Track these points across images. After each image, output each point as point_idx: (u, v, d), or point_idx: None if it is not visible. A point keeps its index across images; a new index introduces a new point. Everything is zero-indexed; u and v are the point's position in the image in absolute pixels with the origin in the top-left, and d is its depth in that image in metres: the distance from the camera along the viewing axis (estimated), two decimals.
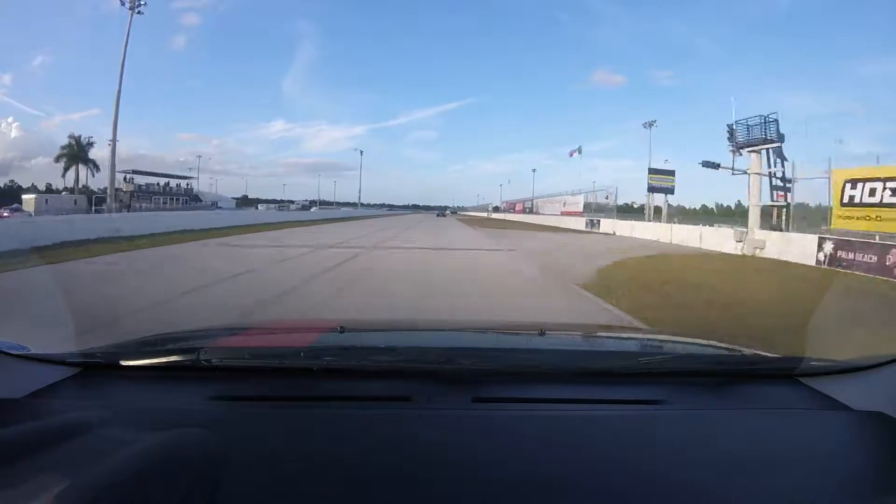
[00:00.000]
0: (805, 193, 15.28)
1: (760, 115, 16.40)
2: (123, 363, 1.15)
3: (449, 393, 1.00)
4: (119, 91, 26.26)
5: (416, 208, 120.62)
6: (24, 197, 43.25)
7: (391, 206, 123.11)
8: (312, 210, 59.66)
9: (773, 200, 16.34)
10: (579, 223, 31.46)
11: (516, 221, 47.60)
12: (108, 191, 29.77)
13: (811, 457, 0.84)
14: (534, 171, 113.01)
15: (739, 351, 1.39)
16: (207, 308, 5.47)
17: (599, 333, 1.95)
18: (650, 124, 37.84)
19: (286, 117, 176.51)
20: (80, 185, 50.55)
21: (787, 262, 12.26)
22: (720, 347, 1.42)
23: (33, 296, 5.68)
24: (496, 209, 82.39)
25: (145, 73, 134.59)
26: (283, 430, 0.88)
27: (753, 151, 16.71)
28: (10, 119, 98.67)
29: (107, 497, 0.58)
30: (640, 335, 1.92)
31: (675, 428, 0.91)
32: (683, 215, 27.55)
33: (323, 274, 8.36)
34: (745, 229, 15.50)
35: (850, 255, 11.17)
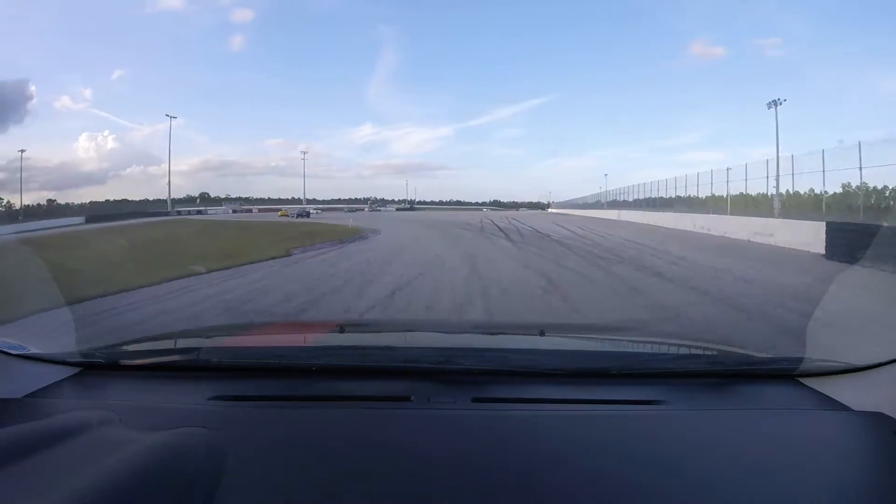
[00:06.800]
0: None
1: None
2: (123, 363, 1.15)
3: (449, 393, 1.00)
4: None
5: (498, 204, 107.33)
6: None
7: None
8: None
9: None
10: None
11: None
12: None
13: (811, 457, 0.84)
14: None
15: (739, 351, 1.39)
16: None
17: (599, 334, 1.95)
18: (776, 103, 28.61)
19: (374, 121, 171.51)
20: None
21: None
22: (720, 348, 1.42)
23: None
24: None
25: (235, 83, 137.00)
26: (283, 430, 0.88)
27: None
28: (105, 132, 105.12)
29: (107, 497, 0.58)
30: (639, 336, 1.92)
31: (675, 428, 0.91)
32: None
33: None
34: None
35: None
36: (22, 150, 53.66)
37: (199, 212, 60.51)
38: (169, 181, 60.11)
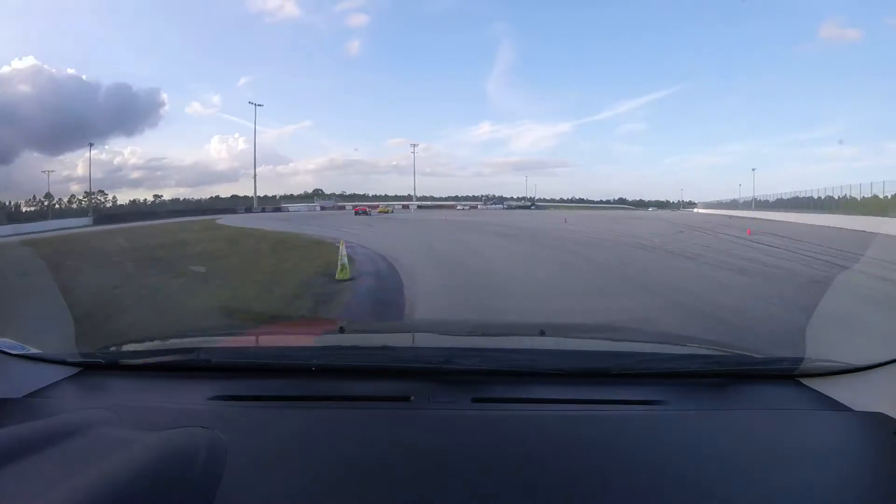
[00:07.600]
0: None
1: None
2: (123, 363, 1.15)
3: (449, 393, 1.00)
4: None
5: (623, 203, 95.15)
6: None
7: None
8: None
9: None
10: None
11: None
12: None
13: (811, 457, 0.84)
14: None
15: (739, 352, 1.39)
16: None
17: (599, 334, 1.94)
18: None
19: (492, 118, 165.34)
20: None
21: None
22: (719, 348, 1.42)
23: None
24: None
25: (356, 85, 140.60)
26: (283, 430, 0.88)
27: None
28: (235, 134, 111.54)
29: (107, 496, 0.58)
30: (639, 336, 1.91)
31: (675, 428, 0.91)
32: None
33: None
34: None
35: None
36: (91, 143, 53.95)
37: (276, 209, 58.30)
38: (255, 176, 60.23)
